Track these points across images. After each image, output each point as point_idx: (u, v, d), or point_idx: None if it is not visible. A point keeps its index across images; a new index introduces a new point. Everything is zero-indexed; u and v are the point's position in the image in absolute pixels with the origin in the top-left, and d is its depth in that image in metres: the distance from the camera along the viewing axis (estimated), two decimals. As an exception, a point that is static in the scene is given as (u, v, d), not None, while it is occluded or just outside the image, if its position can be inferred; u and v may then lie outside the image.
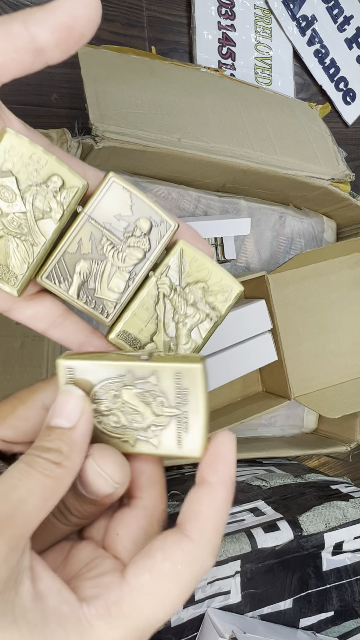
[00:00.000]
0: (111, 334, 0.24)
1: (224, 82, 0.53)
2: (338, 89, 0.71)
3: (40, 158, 0.21)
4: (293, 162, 0.51)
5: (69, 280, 0.23)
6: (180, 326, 0.24)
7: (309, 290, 0.58)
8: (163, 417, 0.21)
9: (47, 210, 0.22)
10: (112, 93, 0.44)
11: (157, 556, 0.17)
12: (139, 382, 0.21)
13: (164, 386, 0.21)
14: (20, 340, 0.43)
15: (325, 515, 0.41)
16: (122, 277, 0.23)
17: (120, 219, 0.23)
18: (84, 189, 0.22)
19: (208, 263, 0.24)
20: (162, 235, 0.23)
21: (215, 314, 0.25)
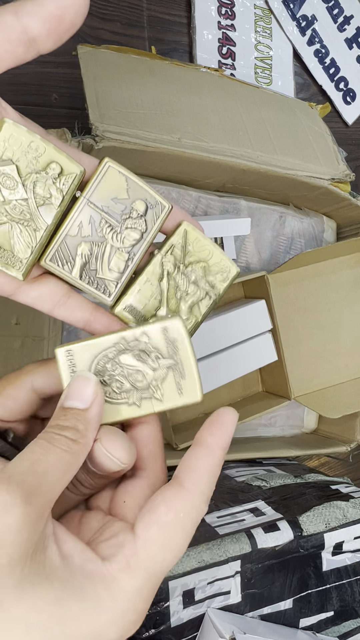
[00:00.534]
0: (117, 307, 0.25)
1: (224, 82, 0.53)
2: (338, 88, 0.71)
3: (39, 146, 0.22)
4: (293, 162, 0.51)
5: (72, 262, 0.24)
6: (181, 302, 0.26)
7: (309, 290, 0.58)
8: (160, 369, 0.23)
9: (48, 196, 0.23)
10: (112, 93, 0.44)
11: (160, 509, 0.20)
12: (133, 345, 0.23)
13: (155, 341, 0.23)
14: (20, 340, 0.43)
15: (325, 515, 0.41)
16: (122, 257, 0.25)
17: (117, 202, 0.24)
18: (81, 175, 0.23)
19: (209, 244, 0.26)
20: (157, 216, 0.25)
21: (214, 292, 0.26)
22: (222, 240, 0.56)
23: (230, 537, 0.38)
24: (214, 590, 0.36)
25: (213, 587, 0.36)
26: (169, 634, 0.35)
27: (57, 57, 0.55)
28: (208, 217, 0.56)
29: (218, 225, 0.55)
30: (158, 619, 0.35)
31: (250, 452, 0.53)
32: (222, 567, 0.37)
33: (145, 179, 0.52)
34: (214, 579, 0.36)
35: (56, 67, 0.55)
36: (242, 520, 0.41)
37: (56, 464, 0.18)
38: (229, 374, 0.52)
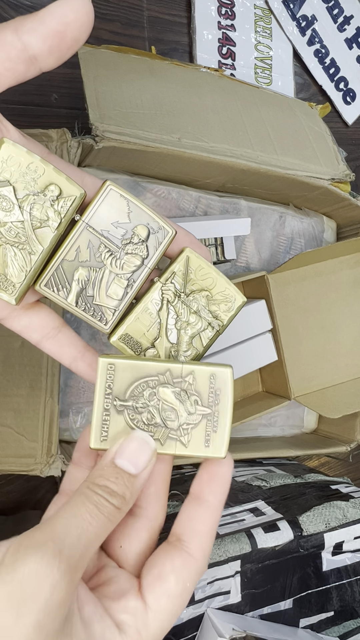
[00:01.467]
0: (113, 337, 0.24)
1: (224, 82, 0.53)
2: (338, 88, 0.71)
3: (38, 167, 0.21)
4: (293, 162, 0.51)
5: (67, 287, 0.23)
6: (182, 333, 0.25)
7: (309, 290, 0.58)
8: (195, 415, 0.22)
9: (45, 219, 0.22)
10: (112, 93, 0.44)
11: (170, 580, 0.20)
12: (177, 381, 0.22)
13: (199, 386, 0.22)
14: (20, 340, 0.43)
15: (325, 515, 0.41)
16: (121, 284, 0.24)
17: (118, 227, 0.23)
18: (81, 198, 0.22)
19: (213, 272, 0.25)
20: (160, 242, 0.24)
21: (217, 323, 0.25)
22: (222, 240, 0.56)
23: (230, 537, 0.38)
24: (213, 590, 0.36)
25: (213, 587, 0.36)
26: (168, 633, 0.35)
27: (57, 57, 0.55)
28: (208, 217, 0.56)
29: (218, 225, 0.55)
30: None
31: (250, 452, 0.53)
32: (222, 567, 0.37)
33: (145, 178, 0.52)
34: (214, 579, 0.36)
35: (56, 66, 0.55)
36: (242, 520, 0.41)
37: (98, 533, 0.18)
38: (229, 374, 0.52)
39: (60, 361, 0.24)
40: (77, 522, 0.18)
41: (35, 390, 0.42)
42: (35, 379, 0.42)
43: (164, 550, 0.21)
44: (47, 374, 0.42)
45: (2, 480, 0.50)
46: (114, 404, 0.22)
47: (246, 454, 0.52)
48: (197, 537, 0.21)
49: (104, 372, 0.22)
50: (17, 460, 0.40)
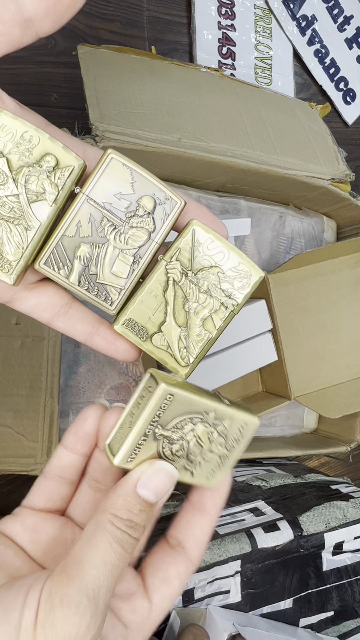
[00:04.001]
0: (117, 324, 0.22)
1: (224, 82, 0.53)
2: (338, 88, 0.71)
3: (33, 137, 0.20)
4: (293, 162, 0.51)
5: (69, 265, 0.21)
6: (192, 315, 0.22)
7: (309, 290, 0.58)
8: (214, 455, 0.22)
9: (41, 191, 0.20)
10: (112, 93, 0.44)
11: (175, 584, 0.21)
12: (216, 423, 0.22)
13: (231, 430, 0.22)
14: (20, 340, 0.43)
15: (326, 515, 0.41)
16: (126, 261, 0.22)
17: (121, 198, 0.21)
18: (80, 168, 0.20)
19: (224, 246, 0.22)
20: (167, 214, 0.21)
21: (231, 303, 0.23)
22: (222, 240, 0.56)
23: (230, 537, 0.38)
24: (213, 590, 0.36)
25: (213, 586, 0.36)
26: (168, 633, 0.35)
27: (57, 57, 0.55)
28: (208, 217, 0.56)
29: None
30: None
31: (250, 452, 0.53)
32: (222, 567, 0.37)
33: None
34: (214, 579, 0.36)
35: (56, 67, 0.55)
36: (242, 520, 0.41)
37: (123, 569, 0.19)
38: (229, 374, 0.52)
39: (74, 338, 0.23)
40: (108, 569, 0.18)
41: (35, 390, 0.42)
42: (35, 379, 0.42)
43: (168, 555, 0.22)
44: (47, 374, 0.42)
45: (2, 480, 0.50)
46: (155, 432, 0.21)
47: (246, 454, 0.52)
48: (199, 546, 0.22)
49: (160, 401, 0.20)
50: (17, 460, 0.40)
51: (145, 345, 0.22)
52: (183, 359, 0.23)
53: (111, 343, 0.23)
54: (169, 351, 0.22)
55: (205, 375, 0.51)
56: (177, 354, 0.23)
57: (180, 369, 0.23)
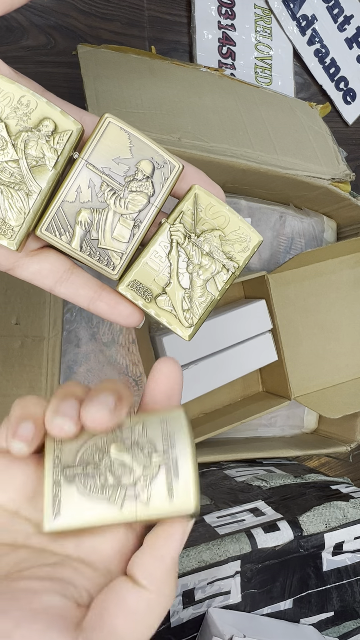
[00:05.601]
0: (121, 285, 0.22)
1: (224, 82, 0.53)
2: (338, 88, 0.71)
3: (30, 101, 0.20)
4: (293, 162, 0.51)
5: (70, 231, 0.21)
6: (194, 277, 0.23)
7: (309, 290, 0.58)
8: (152, 466, 0.20)
9: (41, 156, 0.20)
10: (112, 93, 0.44)
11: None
12: (126, 435, 0.20)
13: (151, 434, 0.20)
14: (20, 340, 0.42)
15: (326, 515, 0.41)
16: (127, 225, 0.22)
17: (119, 163, 0.21)
18: (78, 132, 0.20)
19: (225, 210, 0.23)
20: (166, 178, 0.22)
21: (232, 265, 0.23)
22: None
23: (230, 537, 0.38)
24: (213, 590, 0.36)
25: (213, 587, 0.36)
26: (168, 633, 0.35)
27: (57, 57, 0.55)
28: (208, 217, 0.56)
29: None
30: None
31: (250, 452, 0.53)
32: (222, 567, 0.37)
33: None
34: (214, 579, 0.36)
35: (56, 67, 0.55)
36: (242, 520, 0.41)
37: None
38: (229, 374, 0.52)
39: (77, 304, 0.23)
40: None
41: (35, 390, 0.42)
42: (35, 379, 0.42)
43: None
44: (47, 374, 0.42)
45: (2, 480, 0.50)
46: (65, 474, 0.19)
47: (246, 454, 0.52)
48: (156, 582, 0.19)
49: (51, 445, 0.20)
50: (17, 461, 0.40)
51: (150, 306, 0.22)
52: (187, 320, 0.23)
53: (114, 307, 0.22)
54: (173, 312, 0.23)
55: (206, 375, 0.51)
56: (181, 315, 0.23)
57: (184, 329, 0.23)
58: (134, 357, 0.55)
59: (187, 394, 0.50)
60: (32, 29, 0.54)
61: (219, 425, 0.52)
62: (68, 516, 0.19)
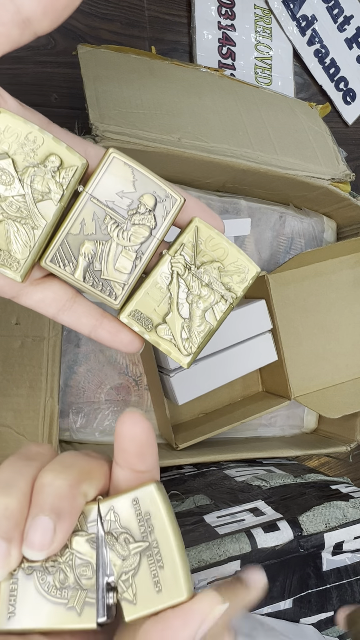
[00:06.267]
0: (122, 314, 0.23)
1: (224, 82, 0.53)
2: (338, 88, 0.71)
3: (37, 137, 0.20)
4: (293, 162, 0.51)
5: (74, 262, 0.22)
6: (194, 307, 0.23)
7: (309, 290, 0.58)
8: (131, 557, 0.18)
9: (47, 191, 0.21)
10: (112, 93, 0.44)
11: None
12: (91, 525, 0.18)
13: (124, 519, 0.18)
14: (20, 340, 0.43)
15: (325, 515, 0.41)
16: (129, 257, 0.22)
17: (123, 197, 0.22)
18: (83, 167, 0.21)
19: (224, 242, 0.23)
20: (167, 211, 0.22)
21: (230, 295, 0.24)
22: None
23: (230, 537, 0.38)
24: (213, 590, 0.36)
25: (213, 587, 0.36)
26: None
27: (57, 57, 0.55)
28: (208, 217, 0.56)
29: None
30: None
31: (250, 452, 0.53)
32: (222, 567, 0.37)
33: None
34: (214, 579, 0.36)
35: (56, 67, 0.55)
36: (242, 520, 0.41)
37: None
38: (229, 374, 0.52)
39: (79, 331, 0.23)
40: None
41: (35, 390, 0.42)
42: (35, 379, 0.42)
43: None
44: (47, 374, 0.42)
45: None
46: (23, 567, 0.18)
47: (246, 454, 0.52)
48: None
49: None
50: (17, 460, 0.40)
51: (150, 335, 0.23)
52: (186, 348, 0.23)
53: (115, 335, 0.23)
54: (173, 341, 0.23)
55: (206, 375, 0.51)
56: (180, 344, 0.23)
57: (182, 357, 0.23)
58: (134, 357, 0.55)
59: (187, 394, 0.50)
60: (32, 29, 0.53)
61: (219, 425, 0.52)
62: (23, 617, 0.18)
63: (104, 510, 0.19)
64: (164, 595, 0.17)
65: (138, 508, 0.18)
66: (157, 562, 0.18)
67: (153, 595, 0.17)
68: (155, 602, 0.17)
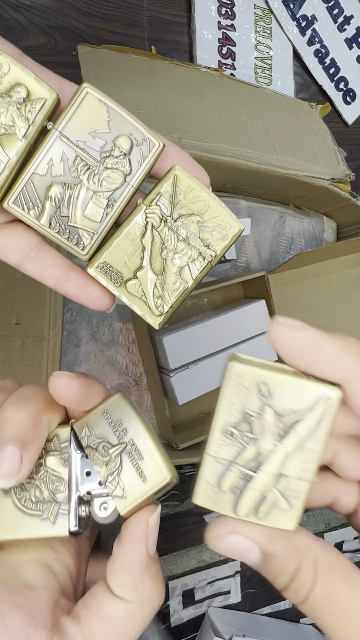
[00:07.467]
0: (90, 266, 0.21)
1: (224, 82, 0.53)
2: (338, 88, 0.71)
3: (2, 64, 0.18)
4: (293, 162, 0.51)
5: (39, 206, 0.20)
6: (168, 263, 0.21)
7: (309, 290, 0.58)
8: (112, 460, 0.19)
9: (10, 124, 0.19)
10: (112, 93, 0.44)
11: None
12: (64, 445, 0.20)
13: (99, 431, 0.20)
14: (20, 340, 0.43)
15: (325, 515, 0.41)
16: (100, 204, 0.20)
17: (96, 137, 0.20)
18: (52, 102, 0.19)
19: (205, 195, 0.21)
20: (144, 156, 0.20)
21: (209, 253, 0.22)
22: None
23: (230, 537, 0.37)
24: (213, 590, 0.36)
25: (213, 587, 0.36)
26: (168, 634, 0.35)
27: (57, 57, 0.55)
28: (208, 217, 0.56)
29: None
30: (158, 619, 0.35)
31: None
32: (222, 567, 0.37)
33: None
34: (214, 579, 0.36)
35: (56, 67, 0.55)
36: (242, 520, 0.41)
37: None
38: (229, 374, 0.52)
39: (44, 283, 0.22)
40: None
41: (35, 390, 0.42)
42: (35, 379, 0.42)
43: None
44: (47, 374, 0.42)
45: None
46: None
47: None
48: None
49: None
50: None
51: (119, 290, 0.21)
52: (157, 307, 0.22)
53: (82, 289, 0.21)
54: (143, 299, 0.21)
55: (206, 375, 0.51)
56: (152, 302, 0.22)
57: (154, 317, 0.22)
58: (134, 357, 0.55)
59: (187, 394, 0.50)
60: (32, 29, 0.54)
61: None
62: (2, 529, 0.19)
63: (78, 430, 0.20)
64: (150, 482, 0.19)
65: (109, 417, 0.20)
66: (137, 457, 0.19)
67: (140, 485, 0.19)
68: (143, 491, 0.19)
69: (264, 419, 0.18)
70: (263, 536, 0.18)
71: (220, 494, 0.18)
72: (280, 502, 0.18)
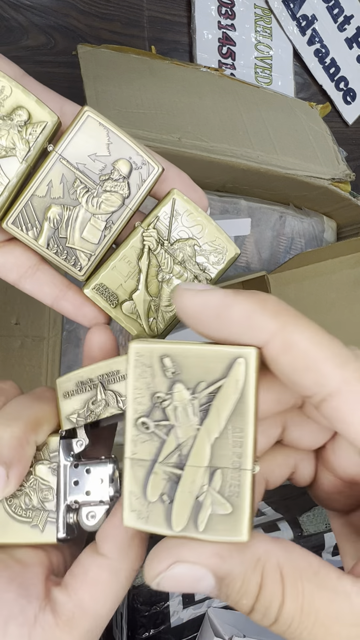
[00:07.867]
0: (87, 288, 0.21)
1: (224, 82, 0.53)
2: (338, 88, 0.71)
3: (5, 87, 0.18)
4: (293, 162, 0.51)
5: (38, 227, 0.20)
6: (164, 286, 0.22)
7: (309, 290, 0.58)
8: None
9: (11, 147, 0.19)
10: (112, 93, 0.44)
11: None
12: (53, 454, 0.20)
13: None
14: (20, 340, 0.42)
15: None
16: (98, 226, 0.21)
17: (96, 160, 0.20)
18: (53, 124, 0.19)
19: (203, 219, 0.22)
20: (143, 180, 0.21)
21: (205, 277, 0.22)
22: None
23: (230, 537, 0.38)
24: (214, 591, 0.36)
25: (213, 587, 0.36)
26: (168, 634, 0.35)
27: (56, 57, 0.55)
28: (208, 217, 0.56)
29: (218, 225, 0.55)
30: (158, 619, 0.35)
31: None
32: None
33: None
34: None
35: (56, 67, 0.55)
36: (242, 521, 0.41)
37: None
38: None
39: (42, 301, 0.22)
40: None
41: (35, 391, 0.42)
42: (35, 379, 0.42)
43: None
44: (47, 374, 0.42)
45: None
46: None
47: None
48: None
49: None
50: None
51: (115, 312, 0.21)
52: (152, 329, 0.22)
53: (78, 308, 0.22)
54: (138, 320, 0.22)
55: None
56: (145, 323, 0.22)
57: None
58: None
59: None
60: (32, 29, 0.54)
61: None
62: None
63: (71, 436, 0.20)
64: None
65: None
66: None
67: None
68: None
69: (175, 398, 0.15)
70: (212, 556, 0.15)
71: (149, 505, 0.15)
72: (220, 503, 0.15)
